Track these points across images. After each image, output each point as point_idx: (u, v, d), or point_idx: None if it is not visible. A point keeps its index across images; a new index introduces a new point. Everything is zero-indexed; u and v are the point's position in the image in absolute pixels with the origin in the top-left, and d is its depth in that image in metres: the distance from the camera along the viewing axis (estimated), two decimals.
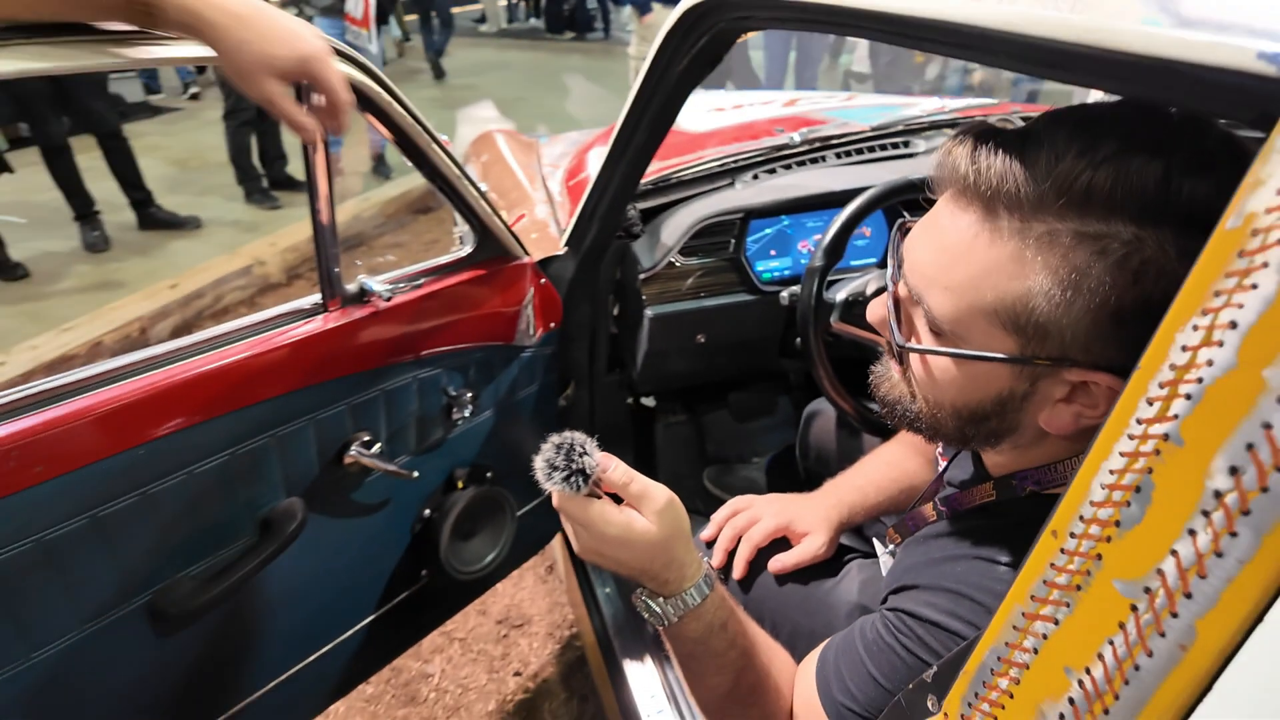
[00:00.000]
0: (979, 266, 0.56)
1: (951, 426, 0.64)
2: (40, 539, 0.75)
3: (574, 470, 0.63)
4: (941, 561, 0.68)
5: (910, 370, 0.66)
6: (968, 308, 0.57)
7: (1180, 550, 0.34)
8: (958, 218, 0.57)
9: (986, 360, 0.58)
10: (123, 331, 2.81)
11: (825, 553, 0.99)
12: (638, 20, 4.48)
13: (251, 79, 0.70)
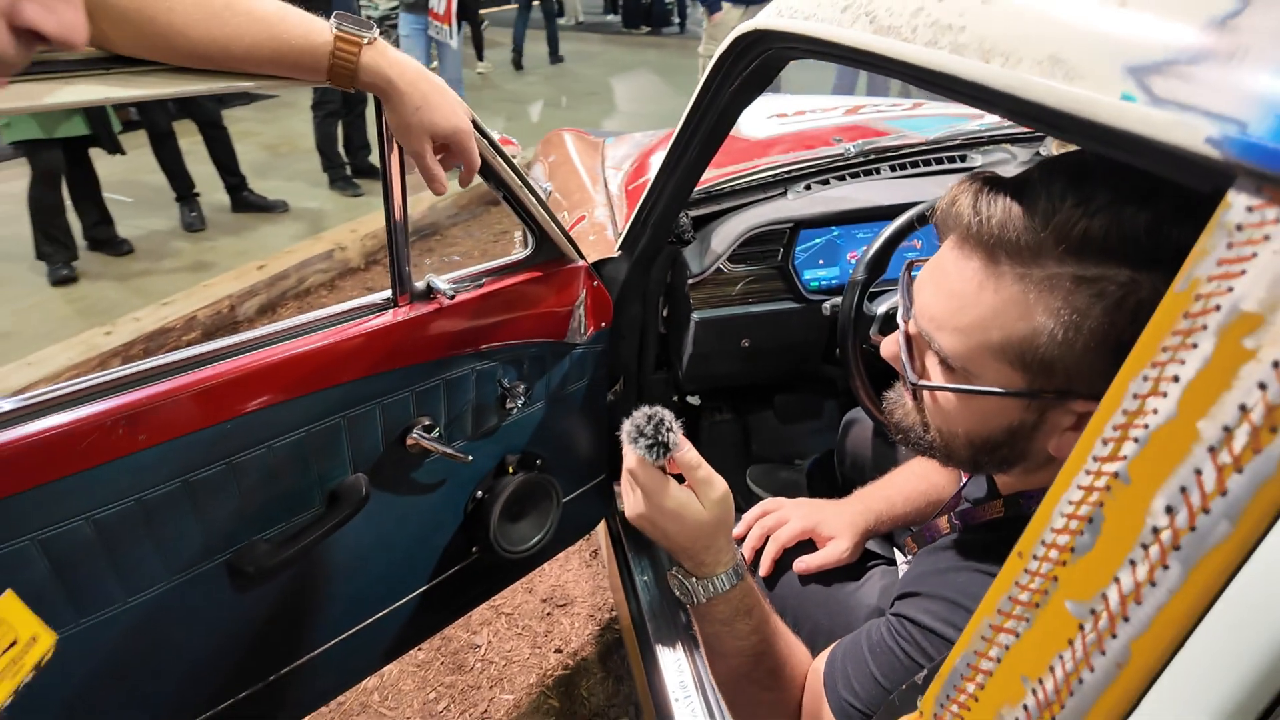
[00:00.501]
0: (985, 310, 0.59)
1: (965, 454, 0.68)
2: (141, 498, 0.86)
3: (657, 441, 0.70)
4: (946, 571, 0.72)
5: (924, 403, 0.69)
6: (976, 347, 0.61)
7: (1122, 578, 0.38)
8: (962, 265, 0.60)
9: (996, 395, 0.61)
10: (214, 308, 3.02)
11: (849, 558, 1.03)
12: (707, 19, 4.49)
13: (412, 137, 0.84)
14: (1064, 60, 0.43)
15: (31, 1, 0.40)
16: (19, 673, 0.73)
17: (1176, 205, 0.51)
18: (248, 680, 1.06)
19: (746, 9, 4.41)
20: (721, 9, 4.41)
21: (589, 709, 1.64)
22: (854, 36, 0.63)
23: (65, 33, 0.42)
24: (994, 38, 0.49)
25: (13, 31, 0.40)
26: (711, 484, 0.73)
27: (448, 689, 1.67)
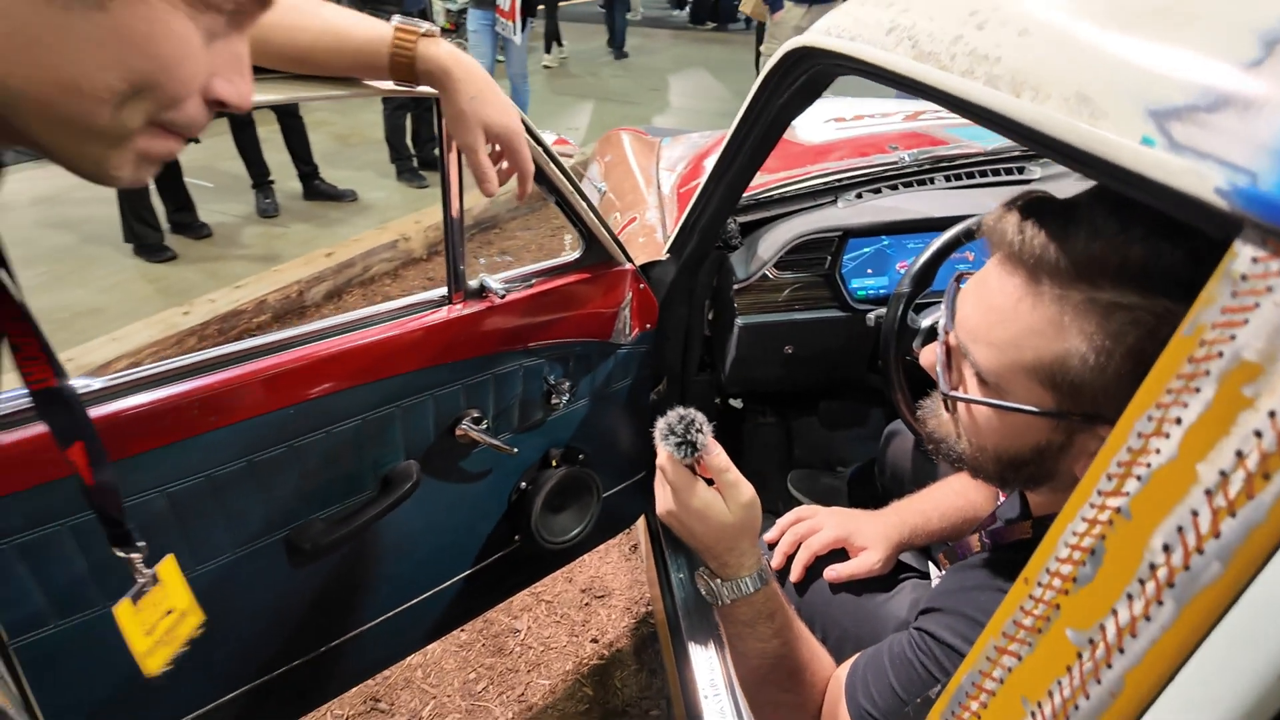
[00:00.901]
0: (1021, 327, 0.60)
1: (992, 469, 0.69)
2: (210, 475, 0.93)
3: (687, 441, 0.73)
4: (971, 590, 0.73)
5: (957, 414, 0.71)
6: (1009, 363, 0.62)
7: (1119, 611, 0.39)
8: (1005, 280, 0.62)
9: (1024, 413, 0.62)
10: (284, 293, 3.17)
11: (880, 569, 1.03)
12: (769, 17, 4.46)
13: (466, 127, 0.86)
14: (1090, 99, 0.44)
15: (220, 77, 0.46)
16: (174, 642, 0.78)
17: (1214, 243, 0.51)
18: (301, 650, 1.13)
19: (809, 8, 4.36)
20: (784, 7, 4.38)
21: (622, 699, 1.68)
22: (894, 61, 0.64)
23: (242, 101, 0.49)
24: (1027, 71, 0.50)
25: (205, 101, 0.47)
26: (739, 488, 0.75)
27: (487, 670, 1.74)
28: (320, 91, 0.84)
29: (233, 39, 0.47)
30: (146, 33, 0.41)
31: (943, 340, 0.70)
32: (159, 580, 0.76)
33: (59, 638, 0.88)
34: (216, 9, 0.44)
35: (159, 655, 0.76)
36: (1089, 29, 0.47)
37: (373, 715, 1.63)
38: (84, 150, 0.44)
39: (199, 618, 0.82)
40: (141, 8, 0.40)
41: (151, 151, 0.46)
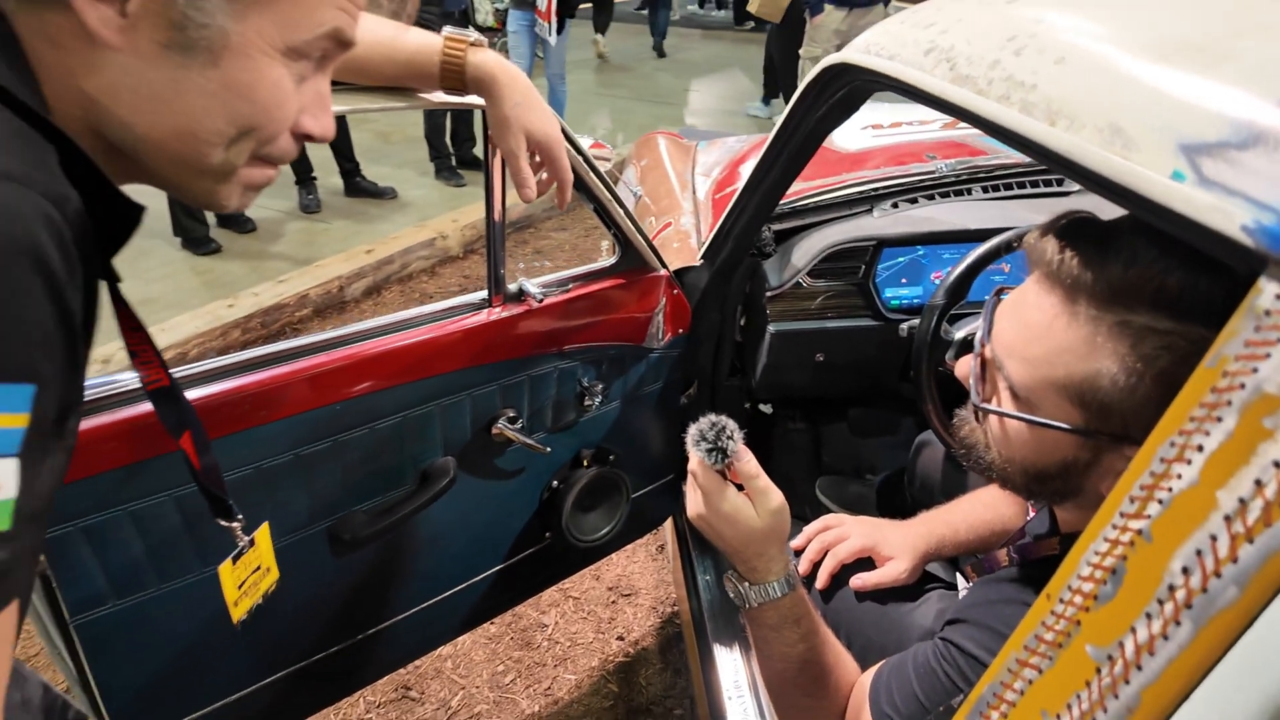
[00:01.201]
0: (1054, 344, 0.62)
1: (1018, 481, 0.70)
2: (259, 466, 0.97)
3: (717, 447, 0.76)
4: (997, 603, 0.74)
5: (987, 425, 0.72)
6: (1041, 379, 0.63)
7: (1138, 629, 0.41)
8: (1042, 298, 0.63)
9: (1052, 429, 0.63)
10: (325, 288, 3.24)
11: (906, 579, 1.04)
12: (809, 20, 4.44)
13: (507, 130, 0.89)
14: (1123, 130, 0.45)
15: (307, 114, 0.53)
16: (255, 594, 0.89)
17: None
18: (339, 637, 1.18)
19: (849, 12, 4.34)
20: (824, 10, 4.36)
21: (646, 697, 1.71)
22: (931, 83, 0.65)
23: (326, 134, 0.55)
24: (1061, 99, 0.51)
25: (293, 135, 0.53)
26: (768, 495, 0.77)
27: (515, 663, 1.77)
28: (372, 103, 0.87)
29: (318, 79, 0.52)
30: (249, 82, 0.47)
31: (978, 353, 0.72)
32: (255, 543, 0.86)
33: (118, 617, 0.93)
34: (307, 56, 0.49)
35: (243, 605, 0.87)
36: (1125, 61, 0.48)
37: (403, 703, 1.68)
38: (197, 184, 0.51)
39: (276, 575, 0.91)
40: (246, 61, 0.46)
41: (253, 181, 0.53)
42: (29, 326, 0.37)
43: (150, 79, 0.45)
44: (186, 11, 0.44)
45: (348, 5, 0.50)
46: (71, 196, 0.41)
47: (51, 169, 0.41)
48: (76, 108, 0.46)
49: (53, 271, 0.38)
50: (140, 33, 0.44)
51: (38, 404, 0.37)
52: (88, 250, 0.42)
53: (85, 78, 0.45)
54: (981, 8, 0.65)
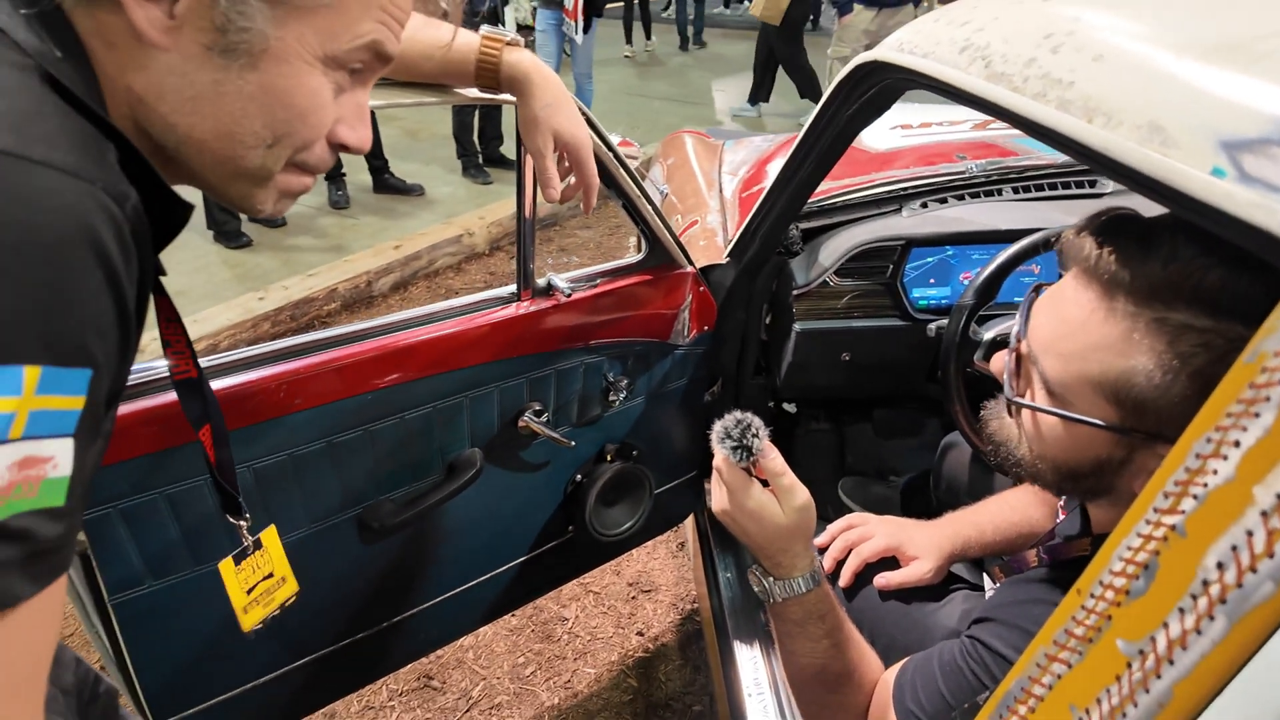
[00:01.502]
0: (1090, 340, 0.61)
1: (1050, 478, 0.70)
2: (292, 453, 0.99)
3: (742, 445, 0.76)
4: (1026, 603, 0.74)
5: (1020, 421, 0.72)
6: (1076, 375, 0.63)
7: (1171, 624, 0.41)
8: (1079, 293, 0.63)
9: (1086, 424, 0.63)
10: (353, 282, 3.29)
11: (930, 579, 1.04)
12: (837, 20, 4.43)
13: (536, 130, 0.90)
14: (1163, 128, 0.45)
15: (344, 124, 0.54)
16: (270, 605, 0.89)
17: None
18: (365, 624, 1.20)
19: (879, 12, 4.32)
20: (852, 10, 4.35)
21: (665, 693, 1.71)
22: (966, 80, 0.65)
23: (362, 145, 0.56)
24: (1099, 97, 0.51)
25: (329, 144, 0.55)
26: (793, 492, 0.78)
27: (535, 655, 1.79)
28: (405, 98, 0.88)
29: (357, 91, 0.54)
30: (287, 87, 0.48)
31: (1013, 347, 0.72)
32: (262, 546, 0.86)
33: (154, 598, 0.95)
34: (345, 67, 0.51)
35: (255, 614, 0.86)
36: (1164, 58, 0.48)
37: (425, 691, 1.70)
38: (234, 187, 0.53)
39: (294, 587, 0.90)
40: (285, 67, 0.48)
41: (289, 188, 0.55)
42: (89, 315, 0.39)
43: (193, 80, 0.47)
44: (229, 14, 0.45)
45: (389, 20, 0.51)
46: (130, 193, 0.42)
47: (112, 166, 0.43)
48: (126, 106, 0.48)
49: (112, 264, 0.40)
50: (185, 34, 0.46)
51: (93, 388, 0.39)
52: (143, 244, 0.44)
53: (134, 76, 0.47)
54: (1018, 6, 0.65)
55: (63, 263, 0.37)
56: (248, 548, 0.86)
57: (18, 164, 0.36)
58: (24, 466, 0.36)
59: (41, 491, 0.37)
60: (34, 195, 0.36)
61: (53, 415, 0.37)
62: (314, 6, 0.47)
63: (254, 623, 0.87)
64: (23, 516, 0.36)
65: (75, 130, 0.41)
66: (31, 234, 0.36)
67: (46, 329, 0.37)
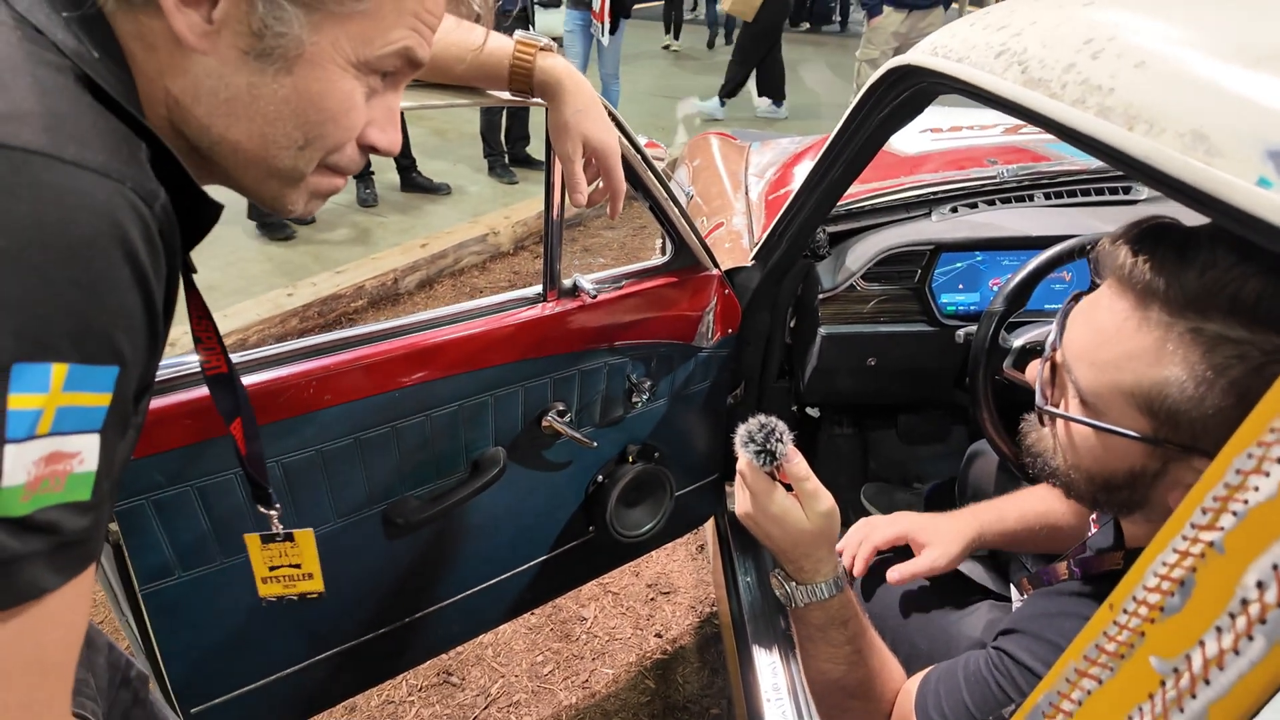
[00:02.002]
0: (1123, 349, 0.61)
1: (1084, 489, 0.69)
2: (321, 448, 1.01)
3: (765, 449, 0.76)
4: (1055, 616, 0.72)
5: (1054, 431, 0.71)
6: (1109, 384, 0.62)
7: (1207, 642, 0.40)
8: (1114, 302, 0.62)
9: (1118, 435, 0.62)
10: (380, 279, 3.32)
11: (944, 566, 1.02)
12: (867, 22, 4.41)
13: (566, 135, 0.91)
14: (1207, 136, 0.44)
15: (374, 126, 0.55)
16: (290, 588, 0.92)
17: None
18: (387, 619, 1.21)
19: (908, 14, 4.29)
20: (882, 12, 4.32)
21: (683, 695, 1.71)
22: (1002, 86, 0.65)
23: (392, 148, 0.57)
24: (1141, 104, 0.50)
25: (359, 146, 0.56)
26: (818, 497, 0.77)
27: (554, 654, 1.80)
28: (437, 99, 0.90)
29: (388, 94, 0.55)
30: (320, 91, 0.49)
31: (1048, 356, 0.71)
32: (293, 540, 0.88)
33: (183, 588, 0.97)
34: (377, 72, 0.52)
35: (271, 588, 0.91)
36: (1209, 65, 0.47)
37: (444, 688, 1.71)
38: (266, 187, 0.54)
39: (319, 586, 0.92)
40: (319, 71, 0.49)
41: (320, 188, 0.56)
42: (117, 313, 0.40)
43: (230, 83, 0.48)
44: (266, 20, 0.46)
45: (421, 27, 0.52)
46: (160, 192, 0.43)
47: (143, 165, 0.43)
48: (162, 106, 0.49)
49: (140, 262, 0.40)
50: (223, 38, 0.47)
51: (120, 385, 0.40)
52: (171, 243, 0.44)
53: (172, 79, 0.48)
54: (1057, 10, 0.64)
55: (91, 261, 0.38)
56: (276, 535, 0.88)
57: (49, 164, 0.37)
58: (51, 461, 0.37)
59: (68, 486, 0.38)
60: (64, 194, 0.37)
61: (80, 411, 0.38)
62: (349, 13, 0.48)
63: (268, 594, 0.91)
64: (49, 510, 0.37)
65: (107, 130, 0.42)
66: (61, 233, 0.37)
67: (75, 327, 0.37)
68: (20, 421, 0.35)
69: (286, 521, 0.89)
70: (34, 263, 0.36)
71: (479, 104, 0.92)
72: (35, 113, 0.38)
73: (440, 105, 0.89)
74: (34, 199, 0.36)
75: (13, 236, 0.35)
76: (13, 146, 0.36)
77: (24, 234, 0.35)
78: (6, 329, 0.35)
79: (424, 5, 0.52)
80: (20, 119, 0.37)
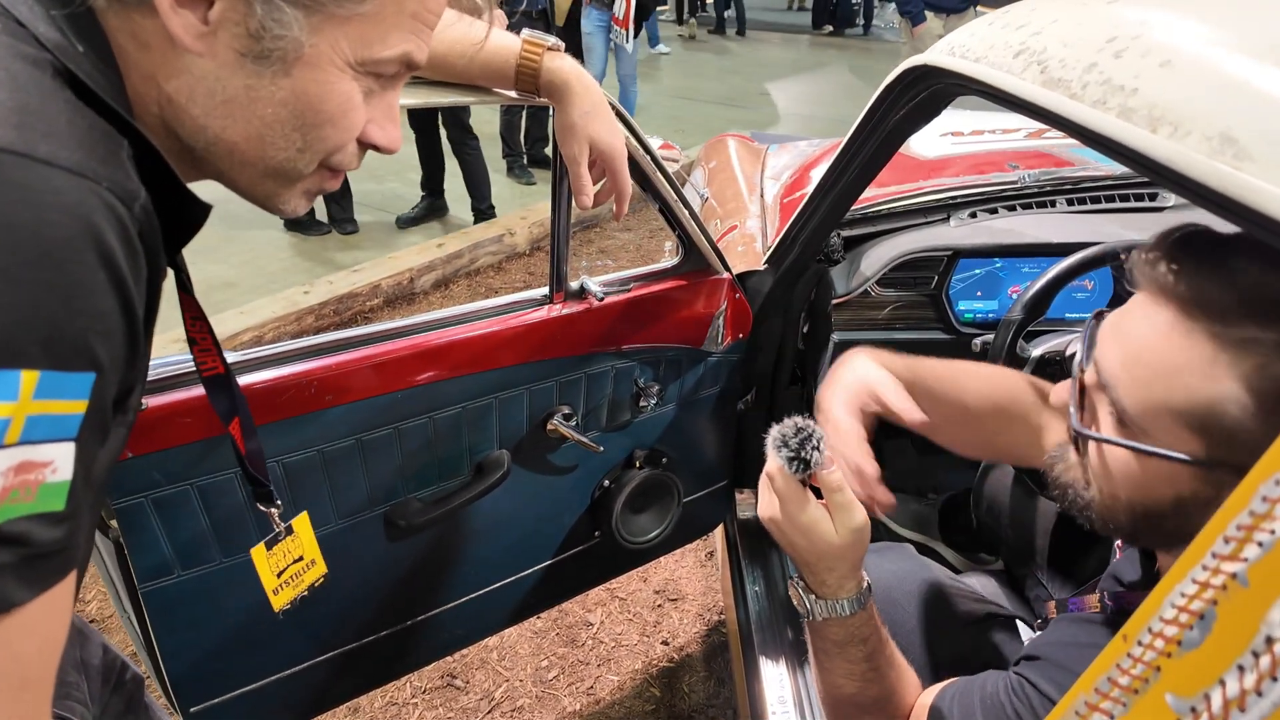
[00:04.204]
0: (1170, 364, 0.56)
1: (1124, 521, 0.64)
2: (322, 449, 1.00)
3: (799, 456, 0.71)
4: (1085, 647, 0.68)
5: (1086, 458, 0.66)
6: (1157, 404, 0.57)
7: (1228, 681, 0.37)
8: (1153, 315, 0.58)
9: (1168, 459, 0.57)
10: (396, 279, 3.33)
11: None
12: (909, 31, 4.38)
13: (573, 137, 0.89)
14: (1235, 140, 0.42)
15: (374, 125, 0.55)
16: (299, 586, 0.91)
17: None
18: (390, 621, 1.20)
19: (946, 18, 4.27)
20: (925, 19, 4.29)
21: (689, 704, 1.69)
22: (1021, 87, 0.62)
23: (392, 145, 0.56)
24: (1165, 105, 0.47)
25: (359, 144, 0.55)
26: (851, 511, 0.72)
27: (559, 659, 1.78)
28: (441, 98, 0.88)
29: (387, 93, 0.54)
30: (319, 93, 0.49)
31: (1077, 378, 0.66)
32: (293, 531, 0.88)
33: (183, 587, 0.96)
34: (375, 74, 0.50)
35: (285, 595, 0.89)
36: (1238, 64, 0.44)
37: (448, 691, 1.70)
38: (261, 186, 0.54)
39: (322, 569, 0.92)
40: (317, 73, 0.48)
41: (315, 187, 0.54)
42: (92, 318, 0.38)
43: (226, 84, 0.47)
44: (265, 22, 0.45)
45: (420, 28, 0.51)
46: (139, 192, 0.42)
47: (123, 164, 0.42)
48: (155, 105, 0.48)
49: (117, 265, 0.39)
50: (220, 40, 0.46)
51: (96, 392, 0.39)
52: (152, 244, 0.43)
53: (166, 79, 0.47)
54: (1080, 8, 0.61)
55: (64, 264, 0.36)
56: (279, 534, 0.88)
57: (19, 162, 0.36)
58: (20, 471, 0.36)
59: (40, 496, 0.37)
60: (36, 194, 0.36)
61: (52, 420, 0.37)
62: (349, 15, 0.47)
63: (284, 603, 0.90)
64: (19, 521, 0.36)
65: (84, 126, 0.40)
66: (32, 235, 0.35)
67: (47, 333, 0.36)
68: None
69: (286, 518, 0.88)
70: (2, 266, 0.34)
71: (483, 102, 0.91)
72: (6, 108, 0.37)
73: (445, 104, 0.88)
74: (3, 199, 0.35)
75: None
76: None
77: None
78: None
79: (425, 5, 0.51)
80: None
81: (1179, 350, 0.55)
